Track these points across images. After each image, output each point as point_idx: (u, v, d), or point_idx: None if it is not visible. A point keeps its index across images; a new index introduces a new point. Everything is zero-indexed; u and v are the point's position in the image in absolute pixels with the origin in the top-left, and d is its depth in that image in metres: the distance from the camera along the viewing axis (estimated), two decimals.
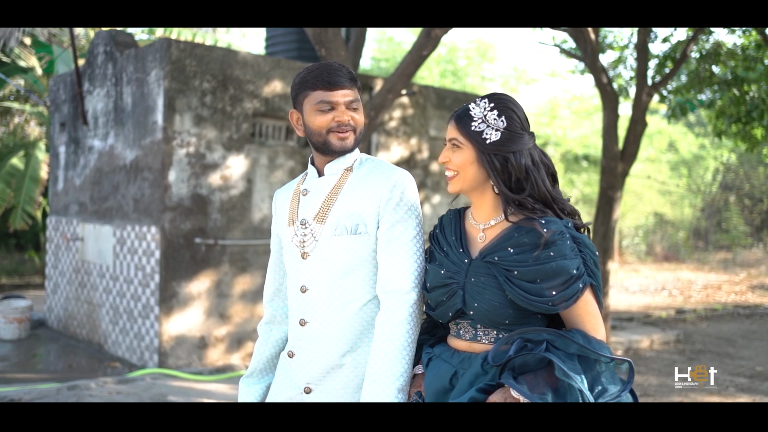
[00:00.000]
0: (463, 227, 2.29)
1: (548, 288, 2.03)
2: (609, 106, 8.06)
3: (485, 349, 2.14)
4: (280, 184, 6.66)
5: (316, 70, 2.30)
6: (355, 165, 2.39)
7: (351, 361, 2.34)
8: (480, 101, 2.16)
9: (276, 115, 6.66)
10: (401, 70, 5.51)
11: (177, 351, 6.13)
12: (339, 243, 2.32)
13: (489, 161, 2.12)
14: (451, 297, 2.16)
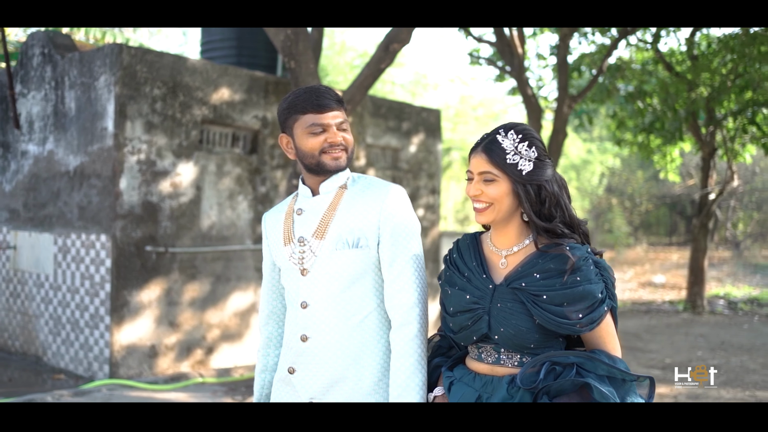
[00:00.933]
0: (482, 253, 2.32)
1: (575, 311, 2.10)
2: (533, 116, 8.55)
3: (508, 372, 2.19)
4: (228, 191, 6.69)
5: (304, 94, 2.37)
6: (349, 182, 2.45)
7: (354, 373, 2.38)
8: (507, 133, 2.18)
9: (223, 122, 6.67)
10: (359, 83, 5.69)
11: (128, 360, 6.04)
12: (341, 257, 2.37)
13: (525, 191, 2.16)
14: (476, 322, 2.20)
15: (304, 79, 5.13)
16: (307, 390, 2.39)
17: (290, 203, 2.51)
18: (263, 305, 2.58)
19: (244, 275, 6.83)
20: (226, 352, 6.73)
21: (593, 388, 2.05)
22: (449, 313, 2.27)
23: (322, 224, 2.39)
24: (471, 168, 2.21)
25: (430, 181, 8.79)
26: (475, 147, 2.21)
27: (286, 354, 2.46)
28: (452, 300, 2.26)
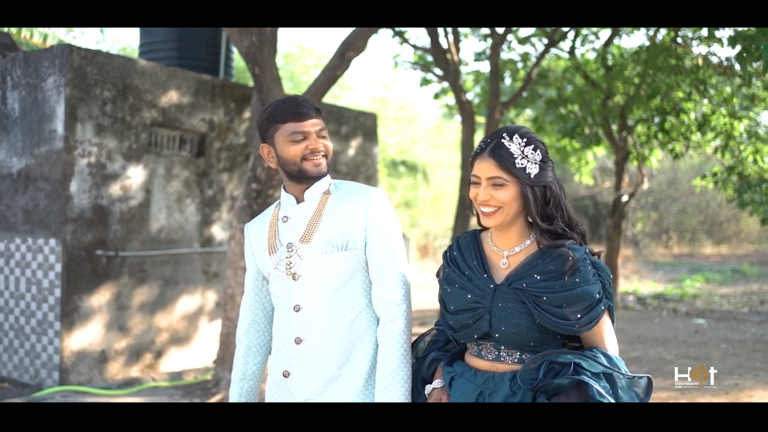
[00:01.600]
0: (483, 252, 2.34)
1: (574, 312, 2.13)
2: (467, 121, 8.87)
3: (508, 369, 2.23)
4: (177, 194, 6.67)
5: (284, 105, 2.42)
6: (332, 188, 2.50)
7: (347, 372, 2.44)
8: (512, 137, 2.19)
9: (172, 125, 6.65)
10: (315, 89, 5.81)
11: (78, 367, 5.95)
12: (331, 260, 2.42)
13: (533, 194, 2.18)
14: (477, 320, 2.22)
15: (269, 86, 5.22)
16: (303, 392, 2.45)
17: (273, 212, 2.56)
18: (244, 314, 2.61)
19: (192, 278, 6.83)
20: (174, 356, 6.70)
21: (589, 386, 2.07)
22: (450, 311, 2.31)
23: (308, 229, 2.45)
24: (478, 173, 2.21)
25: (368, 183, 8.98)
26: (480, 152, 2.21)
27: (279, 359, 2.50)
28: (453, 298, 2.29)
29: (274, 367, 2.51)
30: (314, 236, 2.45)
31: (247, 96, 7.29)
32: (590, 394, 2.07)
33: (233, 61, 8.23)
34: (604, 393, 2.06)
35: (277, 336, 2.52)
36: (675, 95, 11.42)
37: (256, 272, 2.58)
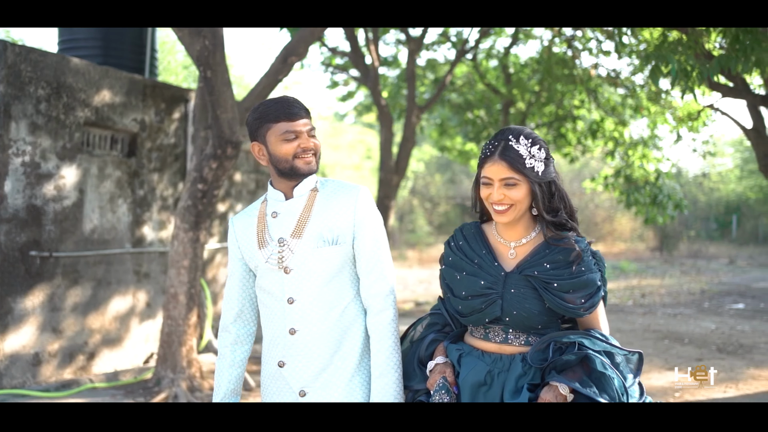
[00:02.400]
0: (489, 242, 2.50)
1: (578, 297, 2.33)
2: (385, 125, 9.21)
3: (515, 350, 2.40)
4: (109, 194, 6.61)
5: (276, 105, 2.52)
6: (319, 185, 2.61)
7: (339, 359, 2.55)
8: (518, 138, 2.35)
9: (105, 125, 6.58)
10: (258, 92, 5.95)
11: (11, 370, 5.81)
12: (322, 254, 2.52)
13: (541, 190, 2.35)
14: (489, 305, 2.37)
15: (220, 89, 5.32)
16: (298, 380, 2.55)
17: (260, 208, 2.64)
18: (231, 305, 2.67)
19: (124, 279, 6.78)
20: (107, 357, 6.64)
21: (594, 361, 2.27)
22: (460, 296, 2.43)
23: (299, 225, 2.54)
24: (490, 175, 2.35)
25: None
26: (489, 155, 2.35)
27: (272, 349, 2.58)
28: (464, 284, 2.42)
29: (268, 359, 2.60)
30: (305, 231, 2.54)
31: (176, 96, 7.30)
32: (593, 367, 2.27)
33: (157, 60, 8.18)
34: (608, 366, 2.28)
35: (269, 328, 2.60)
36: (569, 103, 12.24)
37: (243, 264, 2.65)
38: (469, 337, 2.52)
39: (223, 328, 2.70)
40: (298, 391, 2.54)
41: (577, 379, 2.28)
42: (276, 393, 2.61)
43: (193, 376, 5.92)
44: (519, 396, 2.30)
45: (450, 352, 2.51)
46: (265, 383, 2.65)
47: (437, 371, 2.46)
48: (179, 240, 5.81)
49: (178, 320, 5.84)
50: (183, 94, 7.43)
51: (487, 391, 2.38)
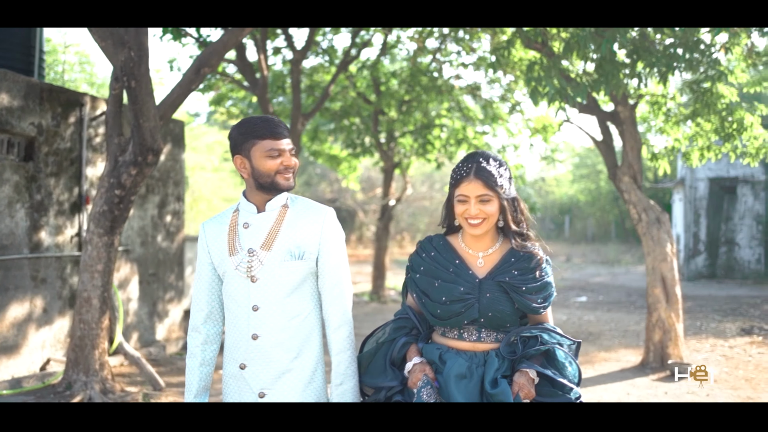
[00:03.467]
0: (458, 253, 2.76)
1: (539, 298, 2.68)
2: None
3: (487, 347, 2.68)
4: (7, 199, 6.52)
5: (262, 123, 2.68)
6: (289, 202, 2.76)
7: (298, 365, 2.70)
8: (487, 161, 2.65)
9: (2, 128, 6.47)
10: (171, 101, 6.13)
11: None
12: (288, 267, 2.68)
13: (509, 204, 2.68)
14: (468, 309, 2.63)
15: (144, 99, 5.47)
16: (258, 382, 2.69)
17: (232, 217, 2.77)
18: (201, 306, 2.81)
19: (21, 285, 6.69)
20: (3, 365, 6.53)
21: (555, 352, 2.66)
22: (440, 302, 2.67)
23: (269, 237, 2.69)
24: (467, 192, 2.64)
25: (176, 188, 9.23)
26: (465, 175, 2.64)
27: (234, 352, 2.73)
28: (443, 291, 2.68)
29: (230, 360, 2.75)
30: (275, 244, 2.68)
31: (72, 101, 7.27)
32: (555, 357, 2.66)
33: (44, 62, 8.04)
34: (567, 355, 2.69)
35: (232, 332, 2.74)
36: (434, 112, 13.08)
37: (212, 269, 2.79)
38: (440, 338, 2.76)
39: (193, 328, 2.82)
40: (257, 392, 2.69)
41: (539, 364, 2.65)
42: (236, 393, 2.75)
43: (106, 379, 6.02)
44: (497, 386, 2.57)
45: (430, 351, 2.72)
46: (226, 382, 2.78)
47: (417, 370, 2.66)
48: (93, 245, 5.89)
49: (90, 324, 5.92)
50: (78, 98, 7.39)
51: (468, 383, 2.62)
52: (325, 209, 2.78)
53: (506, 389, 2.55)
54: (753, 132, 8.53)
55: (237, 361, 2.72)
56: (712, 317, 11.77)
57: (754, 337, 10.05)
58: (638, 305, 13.35)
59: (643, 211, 8.27)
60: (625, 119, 8.48)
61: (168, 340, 8.79)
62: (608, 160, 8.81)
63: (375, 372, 2.77)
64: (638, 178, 8.47)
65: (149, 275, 8.54)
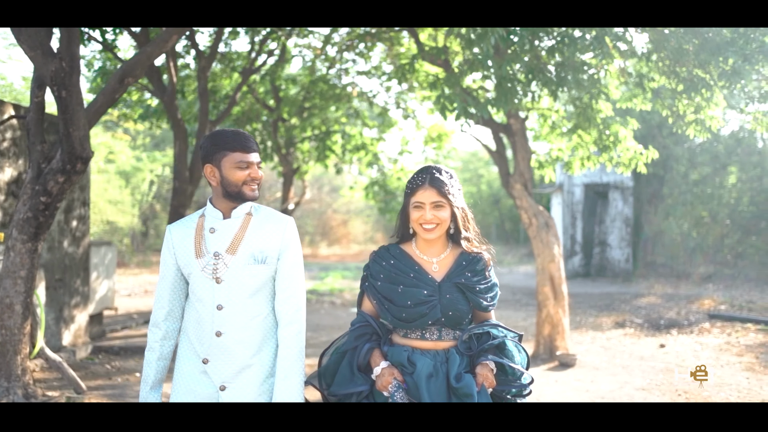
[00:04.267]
0: (414, 260, 2.95)
1: (488, 297, 2.93)
2: (180, 138, 9.65)
3: (447, 345, 2.87)
4: None
5: (233, 136, 2.86)
6: (253, 210, 2.95)
7: (257, 361, 2.86)
8: (440, 172, 2.89)
9: None
10: (95, 109, 6.21)
11: None
12: (251, 270, 2.85)
13: (460, 212, 2.91)
14: (432, 309, 2.83)
15: (74, 108, 5.56)
16: (220, 376, 2.86)
17: (198, 221, 2.93)
18: (163, 304, 2.95)
19: None
20: None
21: (506, 345, 2.92)
22: (404, 305, 2.84)
23: (234, 242, 2.86)
24: (422, 199, 2.86)
25: (82, 193, 9.19)
26: (420, 184, 2.87)
27: (197, 348, 2.89)
28: (407, 295, 2.86)
29: (191, 355, 2.91)
30: (239, 249, 2.85)
31: None
32: (507, 349, 2.92)
33: None
34: (515, 347, 2.96)
35: (196, 329, 2.90)
36: (332, 118, 13.50)
37: (177, 270, 2.93)
38: (403, 340, 2.93)
39: (154, 324, 2.97)
40: (219, 386, 2.86)
41: (494, 355, 2.90)
42: (197, 387, 2.89)
43: (28, 384, 6.04)
44: (462, 380, 2.78)
45: (397, 354, 2.88)
46: (187, 377, 2.91)
47: (387, 374, 2.82)
48: (16, 251, 5.91)
49: (13, 330, 5.94)
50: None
51: (435, 381, 2.81)
52: (285, 218, 2.98)
53: (470, 381, 2.78)
54: (626, 144, 9.53)
55: (199, 356, 2.87)
56: (590, 312, 12.83)
57: (627, 330, 11.11)
58: (524, 303, 14.27)
59: (533, 216, 9.03)
60: (517, 131, 9.23)
61: (75, 345, 8.75)
62: (501, 169, 9.53)
63: (343, 380, 2.90)
64: (529, 185, 9.24)
65: (56, 281, 8.49)
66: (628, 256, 19.64)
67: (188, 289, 2.97)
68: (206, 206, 2.96)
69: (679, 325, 11.29)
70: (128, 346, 8.64)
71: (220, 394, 2.86)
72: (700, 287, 15.98)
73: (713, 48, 6.76)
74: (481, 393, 2.79)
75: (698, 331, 10.77)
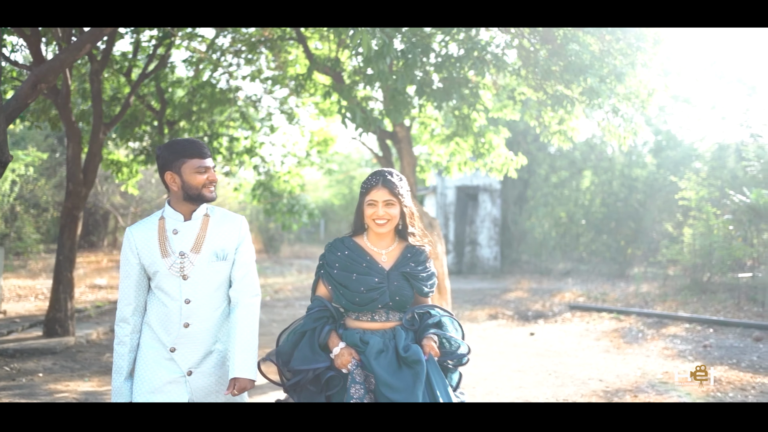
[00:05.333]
0: (366, 251, 3.27)
1: (428, 284, 3.29)
2: (74, 140, 9.69)
3: (393, 325, 3.22)
4: None
5: (189, 145, 3.11)
6: (209, 212, 3.22)
7: (217, 348, 3.18)
8: (392, 175, 3.25)
9: None
10: (8, 114, 6.32)
11: None
12: (214, 267, 3.14)
13: (407, 210, 3.27)
14: (382, 295, 3.17)
15: None
16: (186, 363, 3.13)
17: (158, 224, 3.16)
18: (130, 300, 3.16)
19: None
20: None
21: (444, 323, 3.29)
22: (358, 291, 3.16)
23: (198, 242, 3.14)
24: (376, 198, 3.20)
25: None
26: (374, 185, 3.21)
27: (162, 338, 3.13)
28: (360, 282, 3.18)
29: (156, 344, 3.14)
30: (203, 248, 3.13)
31: None
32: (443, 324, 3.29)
33: None
34: (452, 321, 3.34)
35: (164, 321, 3.13)
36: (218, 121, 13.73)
37: (141, 268, 3.15)
38: (355, 322, 3.26)
39: (122, 319, 3.18)
40: (186, 371, 3.12)
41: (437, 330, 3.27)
42: (164, 373, 3.12)
43: None
44: (410, 349, 3.10)
45: (351, 336, 3.21)
46: (154, 364, 3.12)
47: (345, 354, 3.12)
48: None
49: None
50: None
51: (386, 355, 3.13)
52: (239, 218, 3.28)
53: (417, 349, 3.10)
54: (499, 151, 10.54)
55: (165, 345, 3.12)
56: (465, 306, 13.84)
57: (499, 321, 12.16)
58: None
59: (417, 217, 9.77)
60: (402, 138, 9.96)
61: None
62: None
63: (303, 357, 3.15)
64: (413, 189, 9.99)
65: None
66: (496, 254, 21.00)
67: (151, 285, 3.19)
68: (164, 209, 3.19)
69: (545, 315, 12.50)
70: (23, 349, 8.63)
71: (187, 379, 3.12)
72: (561, 282, 17.49)
73: (576, 70, 7.76)
74: (429, 361, 3.11)
75: (561, 320, 12.01)
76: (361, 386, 3.03)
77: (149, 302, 3.21)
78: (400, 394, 2.97)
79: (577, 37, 7.79)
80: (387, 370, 3.06)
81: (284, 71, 12.07)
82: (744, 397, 6.54)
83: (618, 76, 8.18)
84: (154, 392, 3.11)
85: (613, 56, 8.17)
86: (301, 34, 9.55)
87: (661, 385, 7.10)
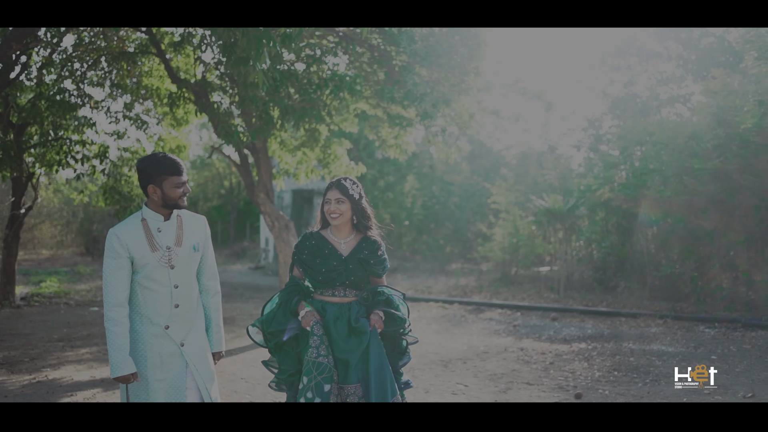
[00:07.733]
0: (329, 241, 3.89)
1: (381, 268, 3.91)
2: None
3: (350, 300, 3.83)
4: None
5: (170, 162, 3.53)
6: (180, 214, 3.70)
7: (198, 322, 3.73)
8: (345, 180, 3.86)
9: None
10: None
11: None
12: (193, 257, 3.68)
13: (359, 208, 3.88)
14: (339, 275, 3.79)
15: None
16: (178, 336, 3.62)
17: (142, 224, 3.58)
18: (122, 288, 3.51)
19: None
20: None
21: (392, 298, 3.88)
22: (320, 272, 3.81)
23: (179, 237, 3.64)
24: (330, 197, 3.85)
25: None
26: (330, 187, 3.87)
27: (158, 318, 3.58)
28: (323, 265, 3.83)
29: (147, 324, 3.59)
30: (183, 242, 3.64)
31: None
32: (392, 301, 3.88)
33: None
34: (401, 300, 3.93)
35: (157, 304, 3.59)
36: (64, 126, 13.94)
37: (130, 262, 3.54)
38: (319, 296, 3.92)
39: (119, 304, 3.51)
40: (179, 343, 3.62)
41: (384, 306, 3.88)
42: (162, 346, 3.61)
43: None
44: (359, 321, 3.75)
45: (315, 304, 3.89)
46: (152, 341, 3.59)
47: (309, 315, 3.79)
48: None
49: None
50: None
51: (340, 322, 3.78)
52: (202, 217, 3.85)
53: (365, 322, 3.77)
54: (342, 161, 11.97)
55: (160, 325, 3.60)
56: None
57: None
58: (248, 296, 16.00)
59: (275, 219, 10.94)
60: (260, 149, 11.07)
61: None
62: (246, 180, 11.29)
63: (278, 321, 3.87)
64: (270, 194, 11.12)
65: None
66: None
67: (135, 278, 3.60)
68: (143, 212, 3.62)
69: None
70: None
71: (182, 350, 3.65)
72: (391, 277, 19.21)
73: (413, 97, 9.34)
74: (372, 332, 3.78)
75: None
76: (318, 338, 3.75)
77: (136, 292, 3.62)
78: (345, 354, 3.76)
79: (413, 68, 9.34)
80: (340, 335, 3.81)
81: (139, 81, 12.59)
82: (543, 359, 8.47)
83: (446, 102, 9.90)
84: (162, 363, 3.66)
85: (442, 84, 9.88)
86: (160, 48, 10.35)
87: (484, 354, 8.89)
